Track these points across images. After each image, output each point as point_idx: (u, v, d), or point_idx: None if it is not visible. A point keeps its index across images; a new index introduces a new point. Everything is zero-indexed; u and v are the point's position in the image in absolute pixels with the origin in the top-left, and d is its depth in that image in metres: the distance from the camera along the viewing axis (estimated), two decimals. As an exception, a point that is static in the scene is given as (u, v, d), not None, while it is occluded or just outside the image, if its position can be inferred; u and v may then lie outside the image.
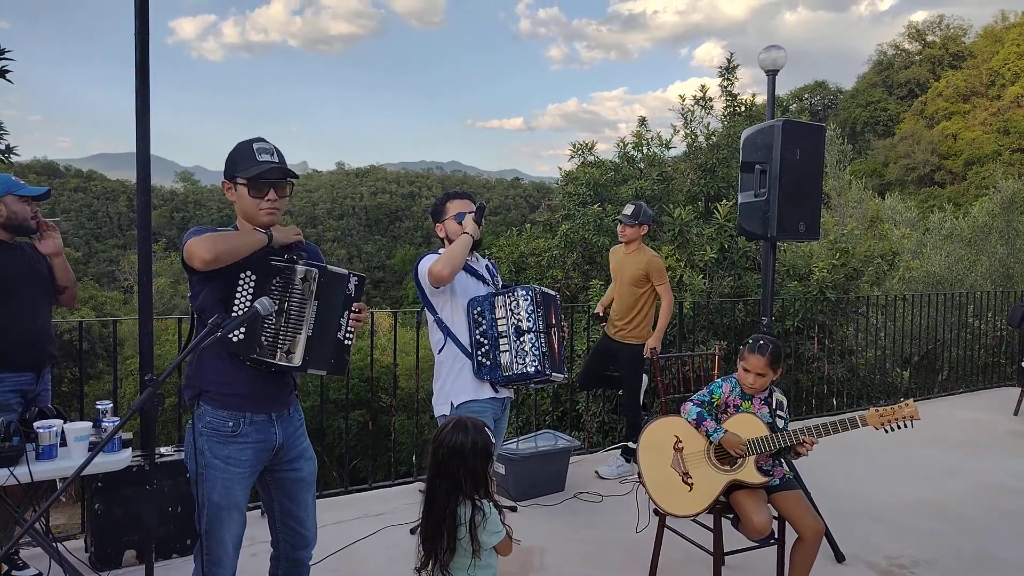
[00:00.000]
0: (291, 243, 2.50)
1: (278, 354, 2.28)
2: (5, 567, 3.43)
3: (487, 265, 3.49)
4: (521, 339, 3.13)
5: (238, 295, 2.31)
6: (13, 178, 3.38)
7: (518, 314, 3.14)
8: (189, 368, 2.41)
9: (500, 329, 3.17)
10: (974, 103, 49.01)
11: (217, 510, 2.37)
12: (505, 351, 3.16)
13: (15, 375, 3.30)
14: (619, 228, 5.26)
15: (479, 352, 3.23)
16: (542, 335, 3.15)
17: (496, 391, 3.29)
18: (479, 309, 3.23)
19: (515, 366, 3.13)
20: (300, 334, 2.29)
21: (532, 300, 3.15)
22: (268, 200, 2.40)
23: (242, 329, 2.28)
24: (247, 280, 2.32)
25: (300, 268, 2.31)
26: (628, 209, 5.21)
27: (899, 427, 3.11)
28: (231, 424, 2.37)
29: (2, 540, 3.12)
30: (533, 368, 3.10)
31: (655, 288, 5.18)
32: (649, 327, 5.21)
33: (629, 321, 5.18)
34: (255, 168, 2.37)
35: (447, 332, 3.29)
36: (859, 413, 3.15)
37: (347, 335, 2.44)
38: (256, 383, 2.38)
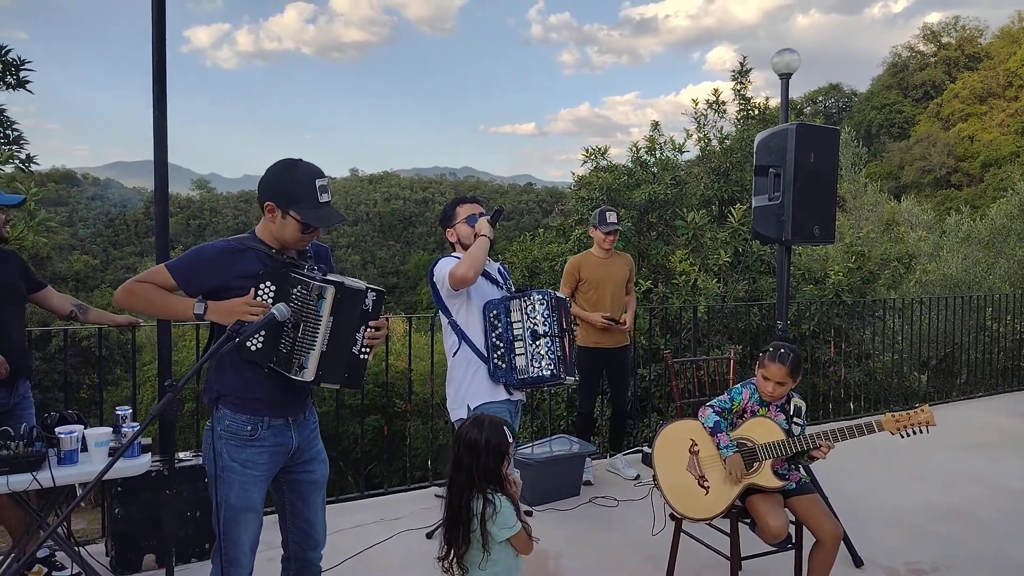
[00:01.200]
0: (300, 250, 2.49)
1: (293, 368, 2.30)
2: (45, 569, 3.46)
3: (499, 268, 3.52)
4: (537, 343, 3.17)
5: None
6: None
7: (534, 318, 3.18)
8: (210, 372, 2.44)
9: (516, 332, 3.21)
10: (991, 104, 48.59)
11: (234, 512, 2.40)
12: (520, 354, 3.20)
13: None
14: (606, 238, 5.09)
15: (495, 355, 3.26)
16: (557, 339, 3.18)
17: (510, 393, 3.33)
18: (495, 312, 3.26)
19: (531, 369, 3.18)
20: (314, 350, 2.30)
21: (548, 304, 3.19)
22: (312, 234, 2.43)
23: (261, 338, 2.31)
24: (266, 291, 2.34)
25: (316, 284, 2.30)
26: (612, 216, 5.10)
27: (915, 432, 3.10)
28: (249, 428, 2.40)
29: (26, 544, 3.16)
30: (549, 372, 3.14)
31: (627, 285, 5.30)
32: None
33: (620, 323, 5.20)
34: (318, 214, 2.35)
35: (461, 335, 3.32)
36: (875, 418, 3.13)
37: (363, 350, 2.43)
38: (274, 388, 2.41)
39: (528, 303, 3.20)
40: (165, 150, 3.48)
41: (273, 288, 2.34)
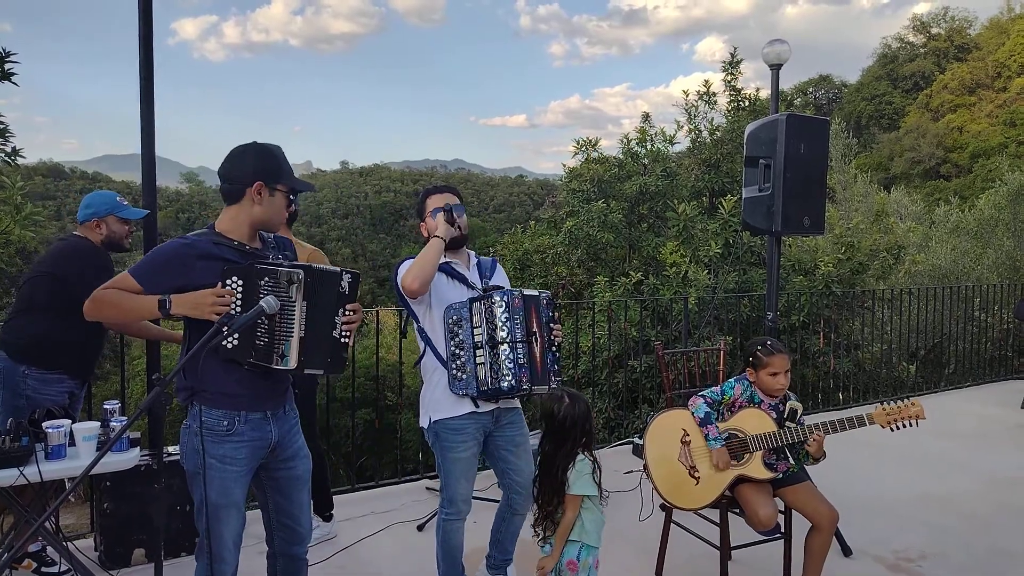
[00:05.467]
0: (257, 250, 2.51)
1: (273, 358, 2.29)
2: (34, 564, 3.49)
3: (479, 262, 3.21)
4: (495, 351, 2.86)
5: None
6: (118, 199, 3.56)
7: (492, 323, 2.87)
8: (183, 370, 2.40)
9: (477, 339, 2.90)
10: (980, 95, 48.77)
11: (215, 509, 2.39)
12: (482, 363, 2.88)
13: (72, 379, 3.46)
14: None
15: (454, 365, 2.95)
16: (519, 345, 2.88)
17: (477, 406, 2.99)
18: (455, 317, 2.95)
19: (489, 380, 2.87)
20: (292, 337, 2.28)
21: (507, 307, 2.88)
22: (291, 207, 2.63)
23: (235, 335, 2.29)
24: (235, 286, 2.33)
25: (284, 271, 2.29)
26: None
27: (906, 426, 3.11)
28: (225, 423, 2.38)
29: (14, 540, 3.14)
30: (507, 383, 2.84)
31: None
32: None
33: None
34: (297, 181, 2.53)
35: (427, 341, 3.04)
36: (866, 412, 3.13)
37: (343, 333, 2.40)
38: (252, 382, 2.39)
39: (487, 306, 2.89)
40: (153, 145, 3.46)
41: (241, 283, 2.32)
